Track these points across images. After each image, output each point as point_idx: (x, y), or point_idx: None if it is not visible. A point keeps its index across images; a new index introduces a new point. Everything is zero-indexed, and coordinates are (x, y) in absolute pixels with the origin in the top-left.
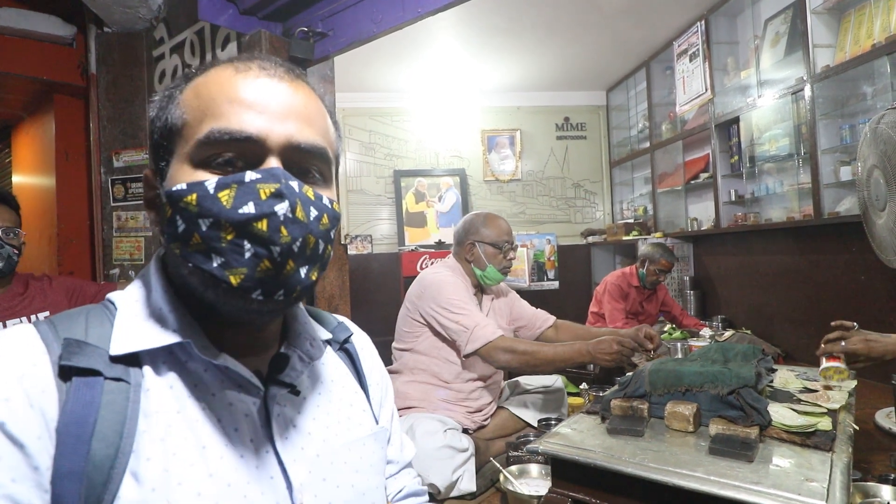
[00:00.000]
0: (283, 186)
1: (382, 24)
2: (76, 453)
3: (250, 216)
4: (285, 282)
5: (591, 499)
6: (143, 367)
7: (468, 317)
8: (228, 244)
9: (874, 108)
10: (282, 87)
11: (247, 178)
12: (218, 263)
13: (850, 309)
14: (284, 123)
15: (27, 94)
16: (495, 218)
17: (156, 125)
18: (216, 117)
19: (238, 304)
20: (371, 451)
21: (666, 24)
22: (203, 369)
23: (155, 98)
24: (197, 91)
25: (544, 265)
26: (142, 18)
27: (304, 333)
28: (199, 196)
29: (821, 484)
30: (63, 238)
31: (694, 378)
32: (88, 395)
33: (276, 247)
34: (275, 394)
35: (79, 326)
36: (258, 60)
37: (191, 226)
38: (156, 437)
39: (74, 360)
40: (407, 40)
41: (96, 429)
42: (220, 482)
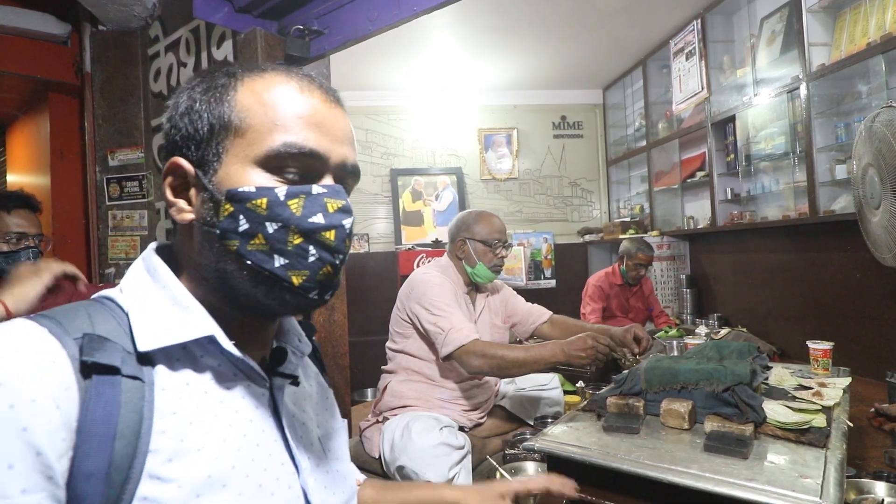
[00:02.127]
0: (347, 204)
1: (378, 23)
2: (101, 454)
3: (319, 226)
4: (335, 285)
5: (587, 496)
6: (157, 366)
7: (446, 318)
8: (295, 248)
9: (869, 106)
10: (338, 113)
11: (314, 191)
12: (281, 264)
13: (846, 307)
14: (341, 146)
15: (21, 92)
16: (488, 215)
17: (201, 117)
18: (286, 130)
19: (291, 301)
20: (343, 440)
21: (662, 23)
22: (217, 364)
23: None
24: (257, 96)
25: (541, 264)
26: (136, 16)
27: (292, 330)
28: (270, 201)
29: (815, 480)
30: (58, 237)
31: (689, 375)
32: (110, 392)
33: (340, 255)
34: (279, 384)
35: (83, 322)
36: (317, 82)
37: (256, 226)
38: (175, 436)
39: (98, 356)
40: (403, 38)
41: (118, 428)
42: (240, 473)
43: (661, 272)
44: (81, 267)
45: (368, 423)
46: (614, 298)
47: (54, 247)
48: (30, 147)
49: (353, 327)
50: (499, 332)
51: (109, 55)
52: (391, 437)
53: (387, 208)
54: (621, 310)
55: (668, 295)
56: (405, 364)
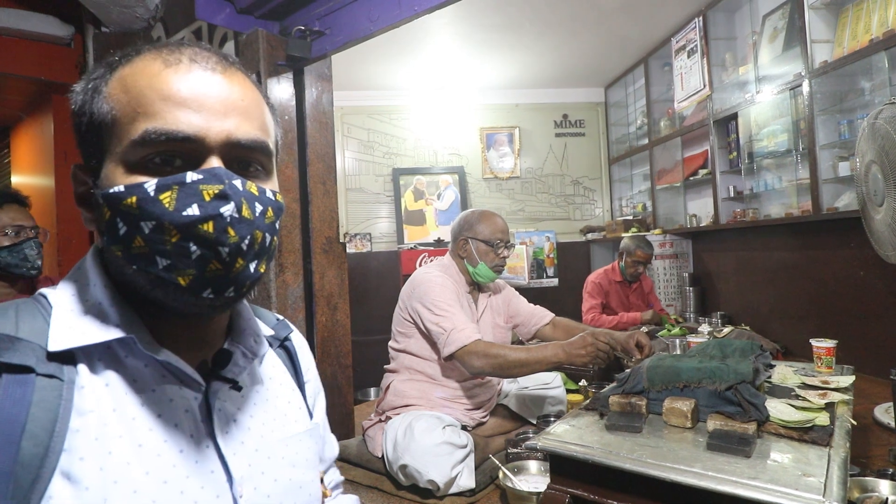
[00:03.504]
0: (227, 187)
1: (379, 23)
2: (4, 453)
3: (195, 218)
4: (235, 279)
5: (590, 495)
6: (78, 365)
7: (448, 319)
8: (174, 246)
9: (872, 103)
10: (216, 80)
11: (188, 179)
12: (164, 266)
13: (849, 305)
14: (223, 120)
15: (25, 94)
16: (491, 215)
17: (81, 119)
18: (149, 116)
19: (189, 301)
20: (306, 446)
21: (664, 21)
22: (143, 365)
23: (76, 88)
24: (124, 84)
25: (544, 262)
26: (139, 18)
27: (248, 329)
28: (140, 199)
29: (818, 479)
30: (62, 238)
31: (692, 374)
32: (19, 392)
33: (225, 247)
34: (216, 389)
35: (8, 321)
36: (188, 50)
37: (132, 229)
38: (90, 435)
39: (6, 356)
40: (405, 38)
41: (26, 427)
42: (156, 479)
43: (663, 270)
44: None
45: (371, 422)
46: (614, 295)
47: (59, 248)
48: (34, 149)
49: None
50: (501, 331)
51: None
52: (394, 436)
53: (389, 208)
54: (622, 307)
55: (670, 293)
56: (408, 363)
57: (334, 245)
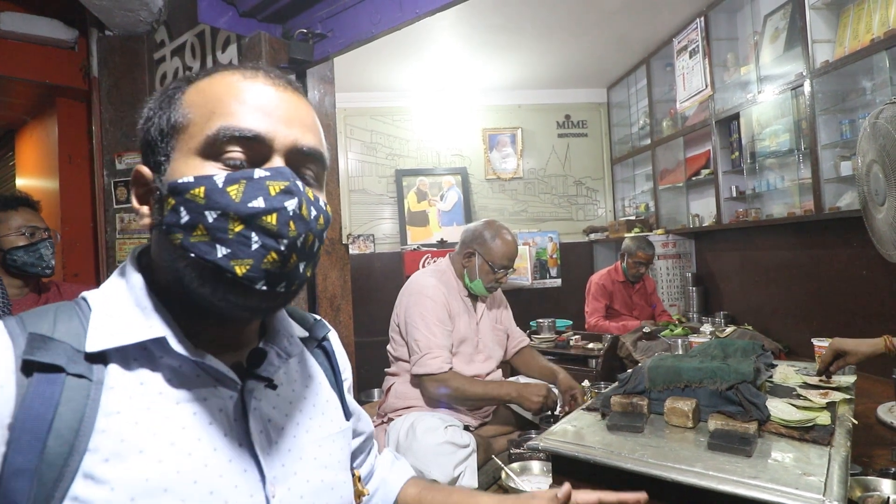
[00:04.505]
0: (291, 184)
1: (381, 25)
2: (31, 450)
3: (259, 210)
4: (288, 275)
5: None
6: (110, 365)
7: (425, 340)
8: (236, 236)
9: (873, 102)
10: (286, 96)
11: (256, 175)
12: (223, 254)
13: (852, 304)
14: (290, 127)
15: (30, 97)
16: (505, 237)
17: (153, 123)
18: (224, 116)
19: (238, 297)
20: (339, 447)
21: (665, 21)
22: (178, 364)
23: (152, 98)
24: (203, 92)
25: (546, 263)
26: (143, 21)
27: (282, 331)
28: (208, 189)
29: (818, 478)
30: (67, 241)
31: (693, 374)
32: (48, 390)
33: (285, 240)
34: (252, 388)
35: (46, 322)
36: (263, 70)
37: (196, 217)
38: (117, 436)
39: (38, 354)
40: (407, 40)
41: (53, 426)
42: (187, 478)
43: (666, 270)
44: (90, 270)
45: (374, 423)
46: (617, 296)
47: (64, 249)
48: (38, 151)
49: (359, 327)
50: (499, 334)
51: (116, 60)
52: (396, 437)
53: (392, 209)
54: (625, 307)
55: (673, 293)
56: (406, 368)
57: (337, 246)
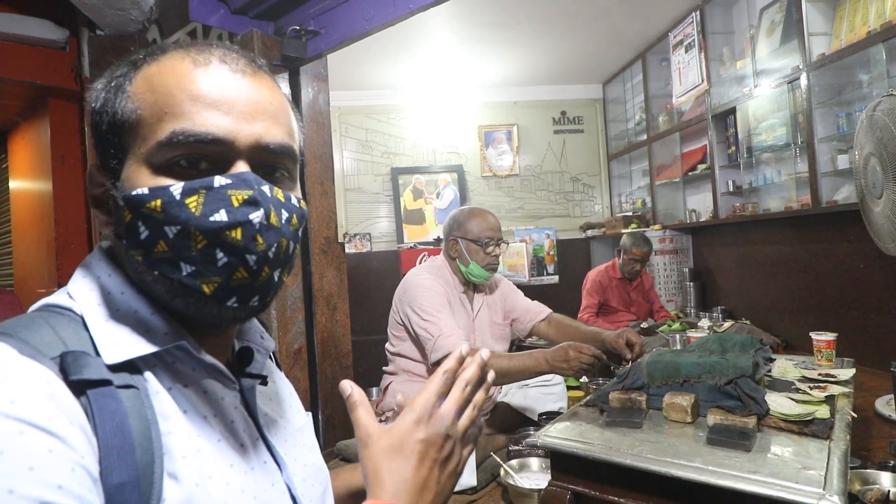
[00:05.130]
0: (256, 193)
1: (374, 21)
2: (126, 464)
3: (223, 224)
4: (261, 288)
5: (591, 491)
6: (145, 373)
7: (435, 324)
8: (199, 253)
9: (870, 95)
10: (245, 84)
11: (216, 184)
12: (188, 272)
13: (849, 297)
14: (252, 124)
15: (21, 99)
16: (480, 213)
17: (102, 118)
18: (177, 117)
19: (211, 311)
20: (311, 434)
21: (661, 15)
22: (190, 369)
23: (97, 86)
24: (150, 83)
25: (544, 259)
26: (134, 20)
27: (252, 327)
28: (165, 202)
29: (818, 472)
30: (61, 243)
31: (692, 369)
32: (112, 404)
33: (253, 255)
34: (250, 385)
35: (50, 337)
36: (217, 51)
37: (155, 233)
38: (183, 435)
39: (86, 372)
40: (401, 37)
41: (133, 436)
42: (238, 471)
43: (663, 266)
44: None
45: None
46: (615, 292)
47: (58, 251)
48: (31, 153)
49: (356, 327)
50: (499, 329)
51: (108, 60)
52: None
53: (388, 207)
54: (623, 304)
55: (671, 289)
56: (404, 366)
57: (333, 245)
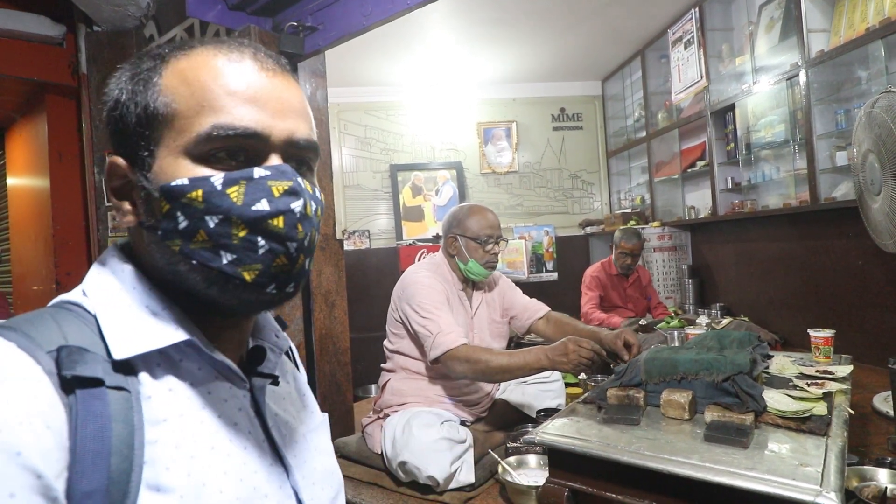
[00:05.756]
0: (295, 184)
1: (372, 17)
2: (98, 470)
3: (265, 213)
4: (297, 275)
5: (588, 488)
6: (140, 374)
7: (434, 321)
8: (241, 241)
9: (869, 92)
10: (276, 82)
11: (256, 175)
12: (228, 260)
13: (848, 294)
14: (284, 120)
15: (19, 95)
16: (479, 210)
17: (128, 109)
18: (216, 111)
19: (250, 298)
20: (325, 436)
21: (660, 12)
22: (197, 368)
23: (121, 77)
24: (184, 77)
25: (543, 257)
26: (131, 16)
27: (267, 326)
28: (206, 192)
29: (815, 468)
30: (59, 239)
31: (689, 366)
32: (98, 406)
33: (294, 243)
34: (261, 385)
35: (54, 332)
36: (248, 49)
37: (196, 222)
38: (170, 444)
39: (79, 369)
40: (400, 34)
41: (112, 442)
42: (234, 478)
43: (662, 263)
44: (82, 268)
45: (370, 419)
46: (611, 288)
47: (56, 248)
48: (29, 150)
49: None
50: (497, 327)
51: (105, 56)
52: (392, 434)
53: (387, 204)
54: (620, 300)
55: (669, 285)
56: (402, 364)
57: (331, 242)
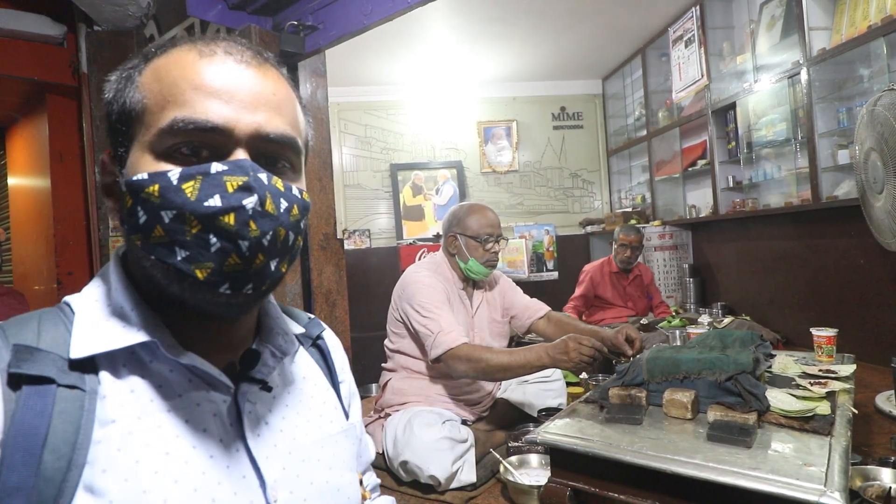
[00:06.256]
0: (251, 179)
1: (372, 16)
2: (26, 466)
3: (216, 209)
4: (254, 276)
5: (591, 487)
6: (101, 373)
7: (434, 321)
8: (193, 237)
9: (871, 90)
10: (249, 74)
11: (212, 170)
12: (182, 257)
13: (850, 293)
14: (253, 113)
15: (20, 95)
16: (479, 209)
17: (113, 107)
18: (179, 105)
19: (205, 298)
20: (343, 447)
21: (661, 10)
22: (168, 369)
23: (111, 77)
24: (157, 74)
25: (543, 256)
26: (131, 16)
27: (276, 328)
28: (162, 187)
29: (819, 468)
30: (60, 239)
31: (692, 365)
32: (40, 404)
33: (245, 241)
34: (246, 390)
35: (30, 331)
36: (223, 43)
37: (153, 218)
38: (112, 446)
39: (25, 367)
40: (400, 33)
41: (48, 440)
42: (186, 487)
43: (663, 262)
44: (84, 268)
45: (371, 419)
46: (609, 286)
47: (57, 248)
48: (29, 149)
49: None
50: (498, 326)
51: (105, 55)
52: (393, 433)
53: (387, 203)
54: (619, 298)
55: (670, 284)
56: (403, 363)
57: (332, 242)
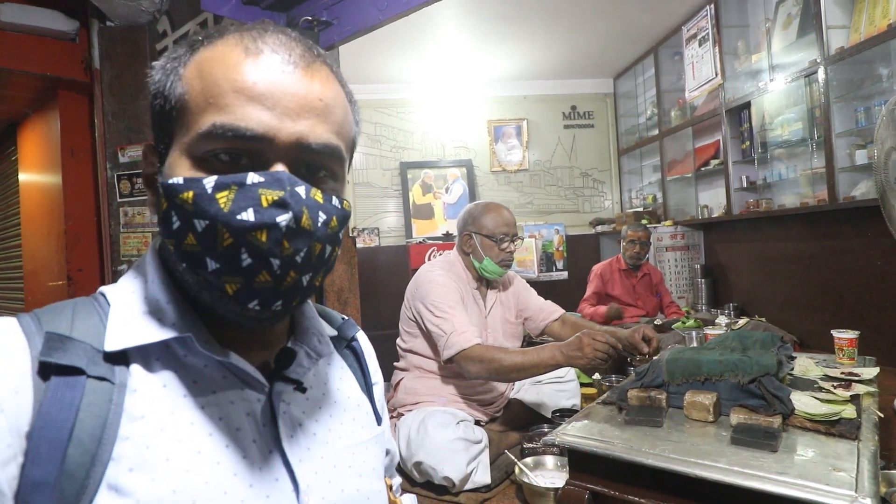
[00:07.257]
0: (287, 195)
1: (387, 12)
2: (50, 461)
3: (248, 225)
4: (285, 293)
5: (610, 490)
6: (131, 366)
7: (447, 321)
8: (225, 250)
9: (890, 89)
10: (296, 77)
11: (248, 181)
12: (212, 269)
13: (867, 295)
14: (296, 121)
15: (32, 90)
16: (495, 207)
17: (156, 100)
18: (219, 108)
19: (234, 311)
20: (373, 454)
21: (674, 9)
22: (203, 365)
23: (155, 65)
24: (200, 69)
25: (553, 255)
26: (144, 11)
27: (311, 329)
28: (196, 194)
29: (849, 473)
30: (71, 235)
31: (713, 367)
32: (68, 395)
33: (277, 260)
34: (280, 390)
35: (64, 319)
36: (272, 38)
37: (186, 225)
38: (141, 443)
39: (55, 356)
40: (412, 30)
41: (73, 434)
42: (216, 489)
43: (674, 262)
44: (94, 264)
45: None
46: (618, 284)
47: (68, 244)
48: (41, 145)
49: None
50: (511, 327)
51: (118, 51)
52: (407, 433)
53: (397, 202)
54: (628, 296)
55: (682, 285)
56: (416, 362)
57: (344, 240)
